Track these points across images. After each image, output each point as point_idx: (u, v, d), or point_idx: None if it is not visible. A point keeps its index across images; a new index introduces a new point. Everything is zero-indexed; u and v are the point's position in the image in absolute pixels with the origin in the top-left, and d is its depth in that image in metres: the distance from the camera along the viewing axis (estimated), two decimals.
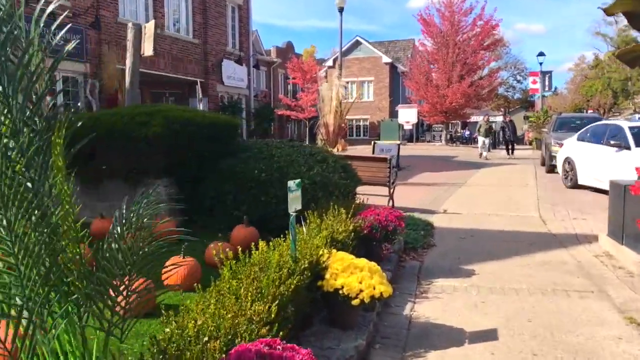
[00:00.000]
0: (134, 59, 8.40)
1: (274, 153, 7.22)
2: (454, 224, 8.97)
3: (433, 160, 23.02)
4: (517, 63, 72.16)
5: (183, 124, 6.56)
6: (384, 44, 57.77)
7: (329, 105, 12.98)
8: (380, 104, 53.03)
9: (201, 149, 6.89)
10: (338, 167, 7.44)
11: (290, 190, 3.97)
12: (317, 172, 6.99)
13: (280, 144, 7.68)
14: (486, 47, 37.18)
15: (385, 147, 18.49)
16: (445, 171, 17.97)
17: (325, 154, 7.63)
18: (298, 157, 7.25)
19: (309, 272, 3.69)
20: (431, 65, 38.88)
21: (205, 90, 20.19)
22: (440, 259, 6.69)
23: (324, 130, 12.97)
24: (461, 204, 11.03)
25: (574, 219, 9.44)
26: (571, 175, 13.26)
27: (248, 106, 23.40)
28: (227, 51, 21.50)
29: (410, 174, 16.84)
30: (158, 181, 6.83)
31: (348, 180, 7.42)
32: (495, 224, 8.92)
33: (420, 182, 14.64)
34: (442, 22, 37.31)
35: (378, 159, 9.69)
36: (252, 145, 7.53)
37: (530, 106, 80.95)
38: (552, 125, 19.09)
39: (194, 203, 7.08)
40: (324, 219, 5.41)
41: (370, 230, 5.58)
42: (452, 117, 39.25)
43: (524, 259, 6.70)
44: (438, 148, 35.54)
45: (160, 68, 17.66)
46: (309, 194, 6.78)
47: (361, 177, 9.61)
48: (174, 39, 18.47)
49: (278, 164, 6.92)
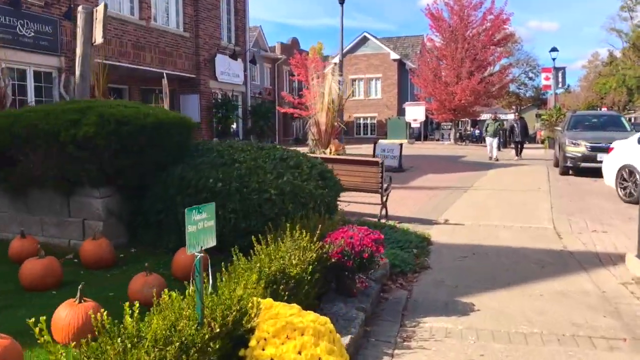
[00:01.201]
0: (85, 48, 7.28)
1: (236, 158, 6.06)
2: (455, 238, 7.77)
3: (439, 161, 21.77)
4: (529, 60, 70.56)
5: (121, 122, 5.41)
6: (392, 40, 56.49)
7: (321, 102, 11.81)
8: (388, 102, 51.80)
9: (147, 153, 5.74)
10: (315, 173, 6.27)
11: (191, 221, 2.76)
12: (288, 181, 5.82)
13: (247, 146, 6.52)
14: (497, 42, 35.75)
15: (387, 148, 17.33)
16: (451, 173, 16.74)
17: (301, 158, 6.45)
18: (265, 162, 6.08)
19: (221, 342, 2.52)
20: (440, 61, 37.53)
21: (196, 87, 19.09)
22: (433, 288, 5.49)
23: (315, 129, 11.80)
24: (465, 212, 9.82)
25: (594, 231, 8.20)
26: (631, 188, 10.81)
27: (245, 104, 22.28)
28: (221, 45, 20.37)
29: (412, 175, 15.62)
30: (95, 191, 5.69)
31: (326, 190, 6.24)
32: (502, 239, 7.70)
33: (422, 186, 13.43)
34: (451, 17, 35.96)
35: (369, 162, 8.51)
36: (213, 148, 6.37)
37: (542, 104, 79.39)
38: (566, 124, 17.76)
39: (140, 217, 5.94)
40: (282, 242, 4.25)
41: (340, 257, 4.41)
42: (461, 114, 37.89)
43: (536, 286, 5.49)
44: (446, 147, 34.25)
45: (146, 63, 16.56)
46: (277, 207, 5.64)
47: (350, 184, 8.47)
48: (162, 31, 17.35)
49: (239, 171, 5.76)
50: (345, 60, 53.57)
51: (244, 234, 5.57)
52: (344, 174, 8.59)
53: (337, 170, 8.49)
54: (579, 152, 15.20)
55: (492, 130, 22.55)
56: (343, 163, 8.61)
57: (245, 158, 6.04)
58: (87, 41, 7.29)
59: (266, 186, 5.69)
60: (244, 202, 5.58)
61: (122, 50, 15.58)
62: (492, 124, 22.70)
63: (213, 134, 19.76)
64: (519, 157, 23.18)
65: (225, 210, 5.55)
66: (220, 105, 19.25)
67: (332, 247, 4.42)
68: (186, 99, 19.22)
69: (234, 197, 5.57)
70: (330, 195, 6.35)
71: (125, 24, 15.70)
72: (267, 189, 5.67)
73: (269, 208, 5.63)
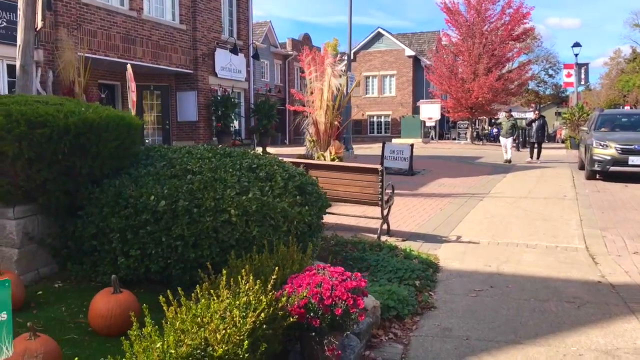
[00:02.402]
0: (26, 35, 6.10)
1: (190, 167, 4.82)
2: (469, 262, 6.47)
3: (454, 162, 20.39)
4: (549, 56, 68.56)
5: (34, 124, 4.20)
6: (407, 36, 55.03)
7: (320, 99, 10.55)
8: (403, 99, 50.41)
9: (74, 162, 4.53)
10: (292, 187, 5.01)
11: None
12: (254, 197, 4.57)
13: (209, 152, 5.27)
14: (516, 37, 34.14)
15: (396, 149, 16.03)
16: (466, 176, 15.38)
17: (276, 167, 5.20)
18: (228, 173, 4.83)
19: None
20: (456, 57, 35.99)
21: (194, 83, 17.92)
22: (438, 341, 4.21)
23: (313, 129, 10.54)
24: (481, 227, 8.50)
25: (635, 253, 6.87)
26: None
27: (248, 101, 21.07)
28: (221, 39, 19.17)
29: (423, 180, 14.30)
30: (7, 211, 4.49)
31: (306, 207, 4.98)
32: (526, 263, 6.39)
33: (433, 192, 12.11)
34: (467, 11, 34.41)
35: (366, 169, 7.22)
36: (164, 155, 5.14)
37: (561, 102, 77.20)
38: (592, 123, 16.28)
39: (72, 243, 4.73)
40: (221, 292, 3.01)
41: (303, 313, 3.16)
42: (478, 113, 36.33)
43: (572, 339, 4.20)
44: (462, 147, 32.78)
45: (137, 57, 15.40)
46: (237, 232, 4.41)
47: (344, 195, 7.22)
48: (155, 23, 16.18)
49: (190, 185, 4.52)
50: (358, 56, 52.27)
51: (195, 265, 4.36)
52: (338, 183, 7.34)
53: (328, 179, 7.26)
54: (607, 154, 13.78)
55: (505, 129, 20.34)
56: (335, 170, 7.34)
57: (202, 168, 4.79)
58: (29, 27, 6.10)
59: (225, 204, 4.45)
60: (194, 225, 4.35)
61: (110, 43, 14.43)
62: (505, 122, 20.63)
63: (212, 134, 18.57)
64: (534, 161, 20.31)
65: (169, 237, 4.33)
66: (219, 102, 18.04)
67: (293, 299, 3.17)
68: (183, 97, 18.06)
69: (181, 219, 4.34)
70: (312, 214, 5.09)
71: (114, 15, 14.54)
72: (226, 209, 4.44)
73: (227, 233, 4.40)
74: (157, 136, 18.27)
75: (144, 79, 17.62)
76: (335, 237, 6.83)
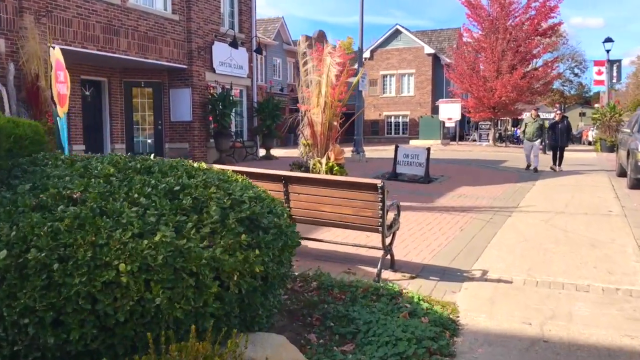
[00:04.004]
0: None
1: (68, 193, 3.11)
2: (500, 316, 4.68)
3: (475, 167, 18.50)
4: (575, 54, 65.94)
5: None
6: (426, 34, 53.10)
7: (317, 94, 8.81)
8: (422, 99, 48.52)
9: None
10: (233, 221, 3.27)
11: None
12: (162, 242, 2.86)
13: (113, 167, 3.56)
14: (542, 32, 32.07)
15: (411, 153, 14.28)
16: (490, 184, 13.52)
17: (212, 191, 3.46)
18: (128, 201, 3.12)
19: None
20: (478, 54, 33.99)
21: (188, 79, 16.30)
22: None
23: (308, 131, 8.82)
24: (513, 256, 6.69)
25: None
26: None
27: (251, 100, 19.40)
28: (219, 32, 17.53)
29: (441, 189, 12.49)
30: None
31: (257, 250, 3.25)
32: (580, 322, 4.57)
33: (452, 206, 10.31)
34: (490, 4, 32.44)
35: (362, 185, 5.46)
36: (39, 171, 3.45)
37: (585, 102, 74.33)
38: (636, 124, 14.30)
39: None
40: None
41: None
42: (502, 113, 34.31)
43: None
44: (484, 149, 30.80)
45: (121, 50, 13.82)
46: (131, 299, 2.70)
47: (334, 217, 5.51)
48: (142, 13, 14.59)
49: (55, 224, 2.81)
50: (375, 54, 50.35)
51: (56, 358, 2.67)
52: (326, 202, 5.60)
53: (314, 197, 5.55)
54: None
55: (531, 131, 16.77)
56: (322, 185, 5.59)
57: (89, 195, 3.08)
58: None
59: (110, 255, 2.74)
60: (55, 289, 2.65)
61: (88, 33, 12.85)
62: (531, 123, 16.93)
63: (208, 135, 16.94)
64: (558, 169, 17.13)
65: (12, 310, 2.64)
66: (216, 100, 16.39)
67: None
68: (176, 94, 16.44)
69: (34, 281, 2.64)
70: (268, 260, 3.36)
71: (92, 2, 12.97)
72: (110, 262, 2.73)
73: (112, 303, 2.69)
74: (149, 138, 16.69)
75: (134, 74, 16.08)
76: (319, 276, 5.11)
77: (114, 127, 15.99)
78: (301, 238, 3.99)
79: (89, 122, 15.39)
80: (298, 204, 5.79)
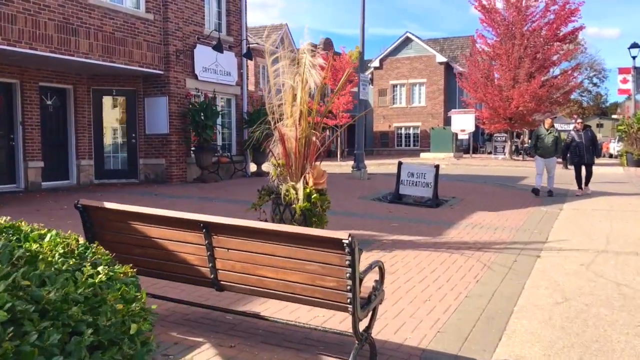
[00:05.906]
0: None
1: None
2: None
3: (492, 186, 16.41)
4: (594, 63, 63.48)
5: None
6: (438, 42, 51.13)
7: (289, 104, 6.85)
8: (434, 110, 46.50)
9: None
10: None
11: None
12: None
13: None
14: (562, 37, 29.96)
15: (416, 171, 12.25)
16: (509, 209, 11.45)
17: None
18: None
19: None
20: (492, 61, 31.92)
21: (165, 87, 14.43)
22: None
23: (280, 148, 6.86)
24: (552, 331, 4.63)
25: None
26: None
27: (240, 110, 17.48)
28: (203, 34, 15.67)
29: (451, 216, 10.45)
30: None
31: None
32: None
33: (464, 241, 8.27)
34: (506, 8, 30.40)
35: (320, 240, 3.47)
36: None
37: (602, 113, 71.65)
38: None
39: None
40: None
41: None
42: (518, 124, 32.13)
43: None
44: (500, 163, 28.67)
45: (81, 52, 11.96)
46: None
47: (278, 288, 3.51)
48: (108, 10, 12.75)
49: None
50: (385, 63, 48.39)
51: None
52: (266, 262, 3.61)
53: (250, 255, 3.58)
54: None
55: (546, 146, 13.29)
56: (259, 237, 3.59)
57: None
58: None
59: None
60: None
61: (38, 32, 11.02)
62: (545, 136, 13.36)
63: (188, 150, 15.04)
64: (584, 191, 14.04)
65: None
66: (196, 111, 14.49)
67: None
68: (152, 103, 14.56)
69: None
70: None
71: None
72: None
73: None
74: (121, 153, 14.81)
75: (104, 81, 14.25)
76: None
77: (81, 141, 14.13)
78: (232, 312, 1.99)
79: (51, 135, 13.57)
80: (228, 264, 3.79)
